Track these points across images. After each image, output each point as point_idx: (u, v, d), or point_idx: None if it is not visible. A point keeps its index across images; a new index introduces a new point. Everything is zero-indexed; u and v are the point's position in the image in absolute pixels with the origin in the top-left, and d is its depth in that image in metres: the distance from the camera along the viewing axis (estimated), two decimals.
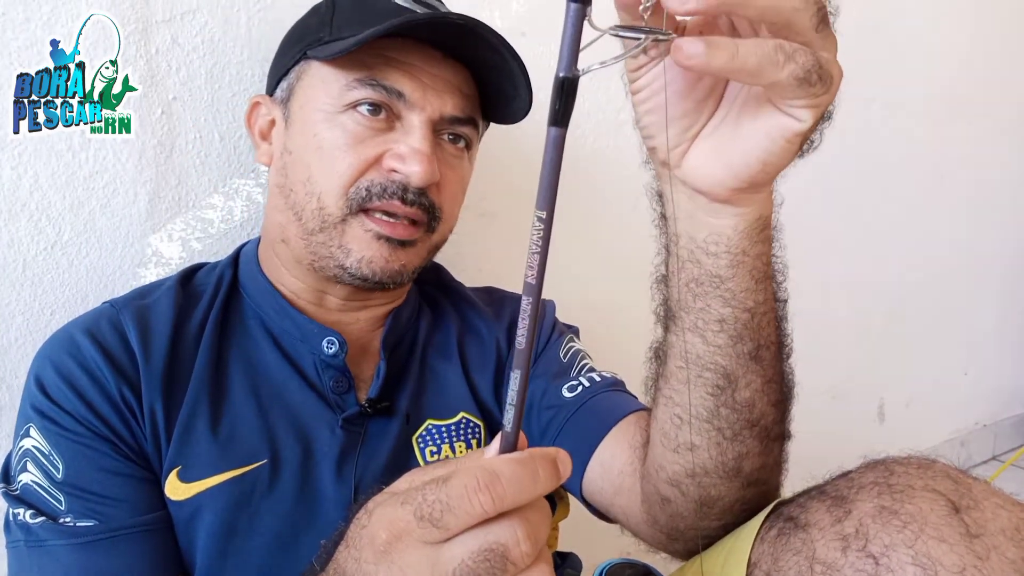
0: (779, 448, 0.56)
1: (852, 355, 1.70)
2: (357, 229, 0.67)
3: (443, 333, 0.80)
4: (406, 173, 0.66)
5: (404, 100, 0.67)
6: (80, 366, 0.64)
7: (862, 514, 0.45)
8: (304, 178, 0.68)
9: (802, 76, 0.36)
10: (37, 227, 0.78)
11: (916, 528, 0.42)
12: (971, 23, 1.78)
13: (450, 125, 0.70)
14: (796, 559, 0.46)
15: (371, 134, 0.67)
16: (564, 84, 0.29)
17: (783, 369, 0.54)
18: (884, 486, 0.46)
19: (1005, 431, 2.15)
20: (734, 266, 0.47)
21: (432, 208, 0.69)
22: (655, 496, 0.59)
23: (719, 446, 0.53)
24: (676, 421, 0.54)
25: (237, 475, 0.66)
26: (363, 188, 0.67)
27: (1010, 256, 2.05)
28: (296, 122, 0.70)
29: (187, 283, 0.74)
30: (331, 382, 0.71)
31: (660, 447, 0.57)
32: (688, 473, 0.55)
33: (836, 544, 0.45)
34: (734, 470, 0.54)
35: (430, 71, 0.68)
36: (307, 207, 0.68)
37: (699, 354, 0.51)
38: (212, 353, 0.70)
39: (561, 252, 1.18)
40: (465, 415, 0.76)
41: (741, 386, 0.51)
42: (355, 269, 0.68)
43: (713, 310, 0.49)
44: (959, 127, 1.80)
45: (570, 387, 0.75)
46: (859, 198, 1.63)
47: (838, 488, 0.49)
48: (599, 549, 1.33)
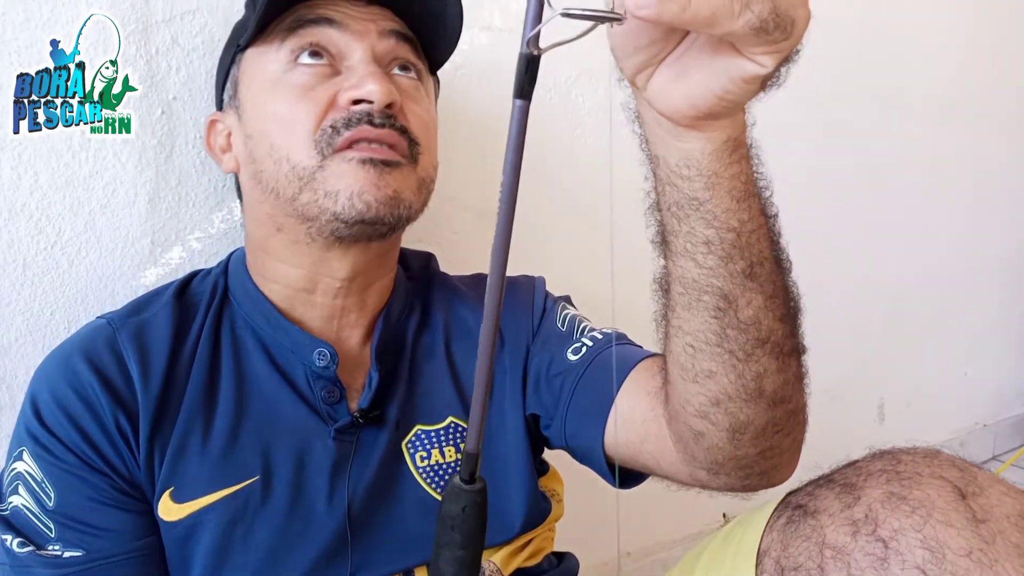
0: (796, 363, 0.55)
1: (852, 355, 1.70)
2: (338, 165, 0.65)
3: (431, 334, 0.79)
4: (363, 95, 0.65)
5: (339, 29, 0.67)
6: (76, 392, 0.64)
7: (871, 500, 0.46)
8: (268, 149, 0.67)
9: (758, 26, 0.35)
10: (37, 227, 0.78)
11: (924, 513, 0.43)
12: (970, 23, 1.79)
13: (393, 51, 0.70)
14: (806, 545, 0.47)
15: (319, 80, 0.67)
16: (527, 61, 0.34)
17: (785, 283, 0.53)
18: (892, 473, 0.46)
19: (1005, 431, 2.15)
20: (710, 188, 0.46)
21: (406, 131, 0.67)
22: (688, 433, 0.58)
23: (735, 368, 0.52)
24: (689, 351, 0.53)
25: (230, 493, 0.66)
26: (327, 128, 0.65)
27: (1010, 256, 2.05)
28: (248, 107, 0.70)
29: (183, 294, 0.73)
30: (323, 392, 0.70)
31: (680, 381, 0.55)
32: (713, 402, 0.54)
33: (846, 529, 0.45)
34: (756, 391, 0.53)
35: (356, 13, 0.69)
36: (280, 174, 0.66)
37: (694, 278, 0.50)
38: (205, 370, 0.69)
39: (560, 251, 1.19)
40: (453, 420, 0.75)
41: (742, 305, 0.50)
42: (348, 209, 0.64)
43: (698, 232, 0.48)
44: (959, 127, 1.81)
45: (574, 350, 0.74)
46: (859, 198, 1.63)
47: (846, 476, 0.49)
48: (597, 549, 1.33)
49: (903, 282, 1.78)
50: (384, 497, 0.71)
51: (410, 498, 0.71)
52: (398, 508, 0.71)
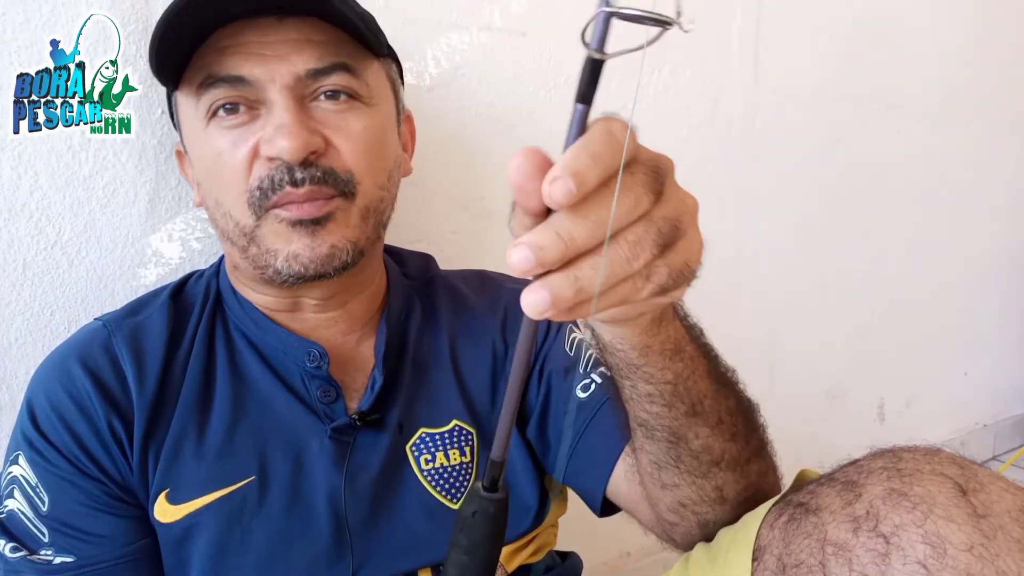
0: (758, 461, 0.59)
1: (852, 355, 1.70)
2: (271, 225, 0.64)
3: (435, 336, 0.78)
4: (277, 154, 0.62)
5: (249, 83, 0.63)
6: (71, 397, 0.64)
7: (872, 496, 0.46)
8: (214, 203, 0.68)
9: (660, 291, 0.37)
10: (37, 227, 0.78)
11: (925, 509, 0.43)
12: (971, 23, 1.79)
13: (315, 81, 0.65)
14: (808, 542, 0.47)
15: (239, 133, 0.64)
16: (592, 65, 0.33)
17: (731, 403, 0.56)
18: (893, 470, 0.47)
19: (1005, 431, 2.15)
20: (644, 355, 0.49)
21: (333, 175, 0.64)
22: (663, 520, 0.63)
23: (695, 483, 0.57)
24: (653, 466, 0.58)
25: (226, 494, 0.66)
26: (255, 189, 0.64)
27: (1010, 256, 2.05)
28: (190, 152, 0.70)
29: (179, 296, 0.74)
30: (318, 392, 0.70)
31: (649, 484, 0.60)
32: (680, 504, 0.59)
33: (847, 525, 0.45)
34: (719, 499, 0.58)
35: (268, 40, 0.63)
36: (228, 227, 0.67)
37: (644, 420, 0.54)
38: (201, 371, 0.69)
39: None
40: (458, 423, 0.75)
41: (691, 438, 0.54)
42: (286, 268, 0.64)
43: (640, 387, 0.51)
44: (959, 127, 1.81)
45: (583, 386, 0.74)
46: (859, 198, 1.63)
47: (847, 474, 0.50)
48: (599, 547, 1.33)
49: (903, 282, 1.78)
50: (386, 499, 0.70)
51: (414, 501, 0.71)
52: (401, 510, 0.71)
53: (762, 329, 1.50)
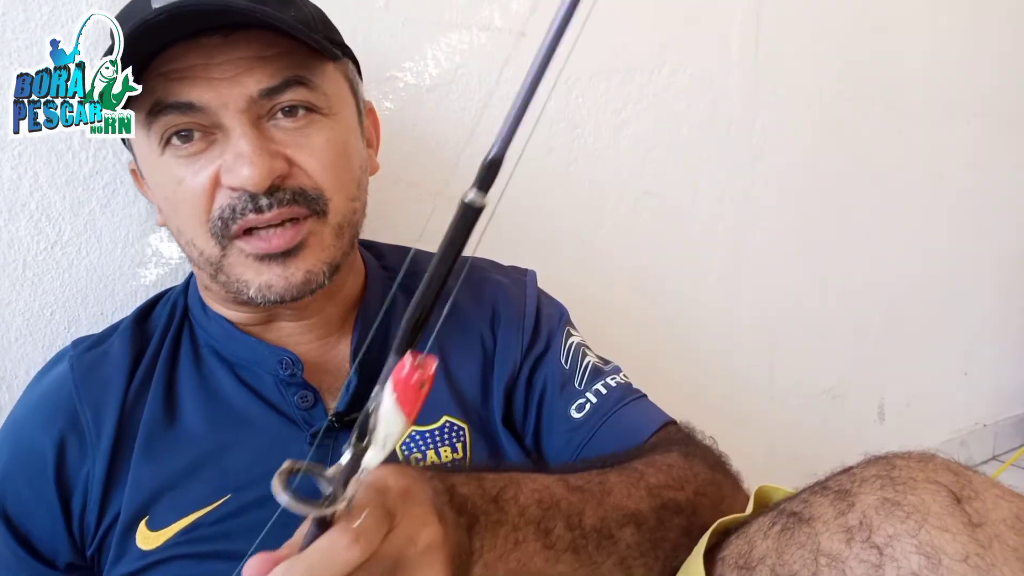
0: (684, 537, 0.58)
1: (852, 355, 1.70)
2: (237, 257, 0.63)
3: None
4: (239, 184, 0.61)
5: (200, 109, 0.61)
6: (28, 462, 0.65)
7: (865, 506, 0.45)
8: (176, 232, 0.67)
9: None
10: (37, 227, 0.78)
11: (919, 518, 0.43)
12: (970, 23, 1.78)
13: (270, 100, 0.62)
14: (801, 552, 0.46)
15: (196, 160, 0.62)
16: None
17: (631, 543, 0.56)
18: (887, 479, 0.46)
19: (1005, 431, 2.14)
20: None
21: (303, 194, 0.63)
22: None
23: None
24: None
25: (204, 514, 0.65)
26: (217, 218, 0.62)
27: (1010, 256, 2.04)
28: (147, 180, 0.69)
29: (145, 320, 0.73)
30: (295, 399, 0.69)
31: None
32: None
33: (840, 536, 0.45)
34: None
35: (215, 62, 0.61)
36: (194, 255, 0.66)
37: None
38: (162, 396, 0.68)
39: (559, 251, 1.19)
40: (448, 419, 0.73)
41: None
42: (261, 298, 0.64)
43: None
44: (958, 127, 1.80)
45: (578, 406, 0.74)
46: (859, 198, 1.63)
47: (840, 483, 0.49)
48: None
49: (903, 282, 1.77)
50: None
51: None
52: None
53: (762, 329, 1.50)
